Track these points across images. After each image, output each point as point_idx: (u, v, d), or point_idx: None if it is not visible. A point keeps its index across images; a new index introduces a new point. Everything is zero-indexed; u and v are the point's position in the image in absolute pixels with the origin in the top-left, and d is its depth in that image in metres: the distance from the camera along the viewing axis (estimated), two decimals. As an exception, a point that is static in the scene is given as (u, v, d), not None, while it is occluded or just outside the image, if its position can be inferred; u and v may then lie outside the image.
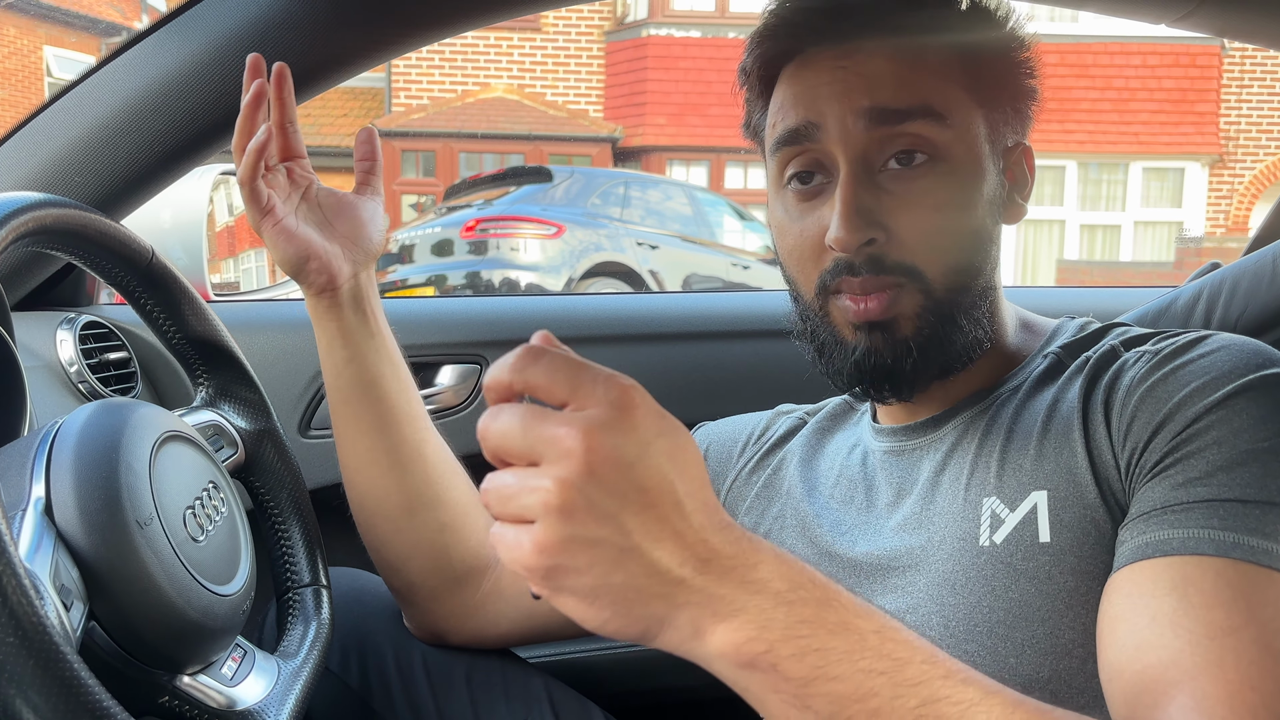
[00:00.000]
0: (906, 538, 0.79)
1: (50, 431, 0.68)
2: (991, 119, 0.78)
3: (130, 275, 0.83)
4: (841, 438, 0.92)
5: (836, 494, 0.87)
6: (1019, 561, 0.71)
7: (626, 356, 1.38)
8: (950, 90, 0.75)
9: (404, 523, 0.95)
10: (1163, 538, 0.64)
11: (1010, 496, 0.73)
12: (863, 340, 0.77)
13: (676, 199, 8.52)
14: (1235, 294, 0.96)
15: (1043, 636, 0.69)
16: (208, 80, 1.01)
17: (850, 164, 0.75)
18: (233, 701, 0.73)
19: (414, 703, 0.97)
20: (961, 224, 0.76)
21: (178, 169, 1.07)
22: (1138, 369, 0.71)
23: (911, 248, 0.75)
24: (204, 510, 0.74)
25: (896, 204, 0.75)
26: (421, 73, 11.97)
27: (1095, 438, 0.71)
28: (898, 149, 0.75)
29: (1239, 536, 0.62)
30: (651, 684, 1.37)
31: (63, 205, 0.72)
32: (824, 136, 0.76)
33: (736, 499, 0.95)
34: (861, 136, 0.74)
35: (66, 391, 1.08)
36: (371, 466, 0.94)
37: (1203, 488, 0.64)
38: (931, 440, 0.82)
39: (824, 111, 0.75)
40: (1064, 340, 0.81)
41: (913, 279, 0.75)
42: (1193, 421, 0.66)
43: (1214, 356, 0.69)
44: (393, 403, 0.93)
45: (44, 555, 0.61)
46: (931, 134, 0.74)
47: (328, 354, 0.92)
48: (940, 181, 0.75)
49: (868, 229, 0.74)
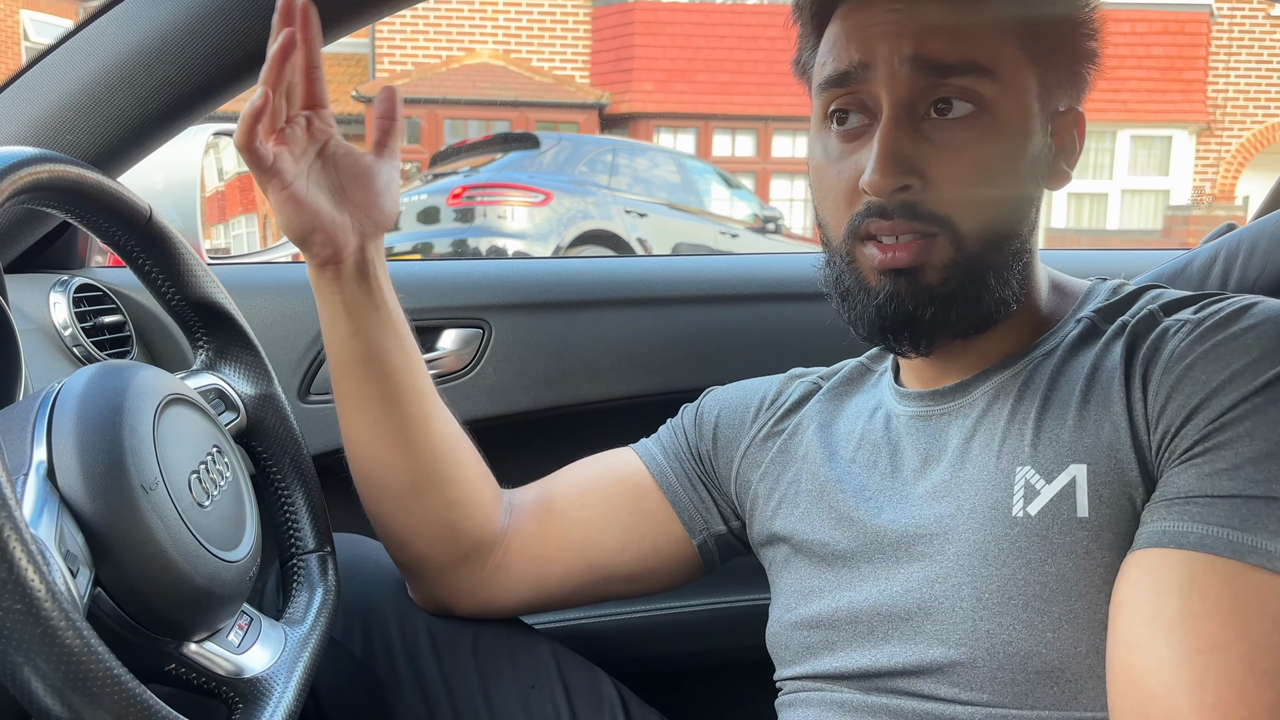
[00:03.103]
0: (935, 506, 0.77)
1: (50, 394, 0.66)
2: (1045, 79, 0.76)
3: (128, 234, 0.80)
4: (860, 400, 0.91)
5: (859, 459, 0.86)
6: (1055, 535, 0.70)
7: (633, 320, 1.36)
8: (1003, 46, 0.73)
9: (410, 500, 0.93)
10: (1181, 529, 0.64)
11: (1046, 467, 0.72)
12: (887, 285, 0.75)
13: (664, 166, 8.49)
14: (1254, 255, 0.95)
15: (1080, 610, 0.69)
16: (202, 36, 0.98)
17: (893, 108, 0.73)
18: (240, 669, 0.72)
19: (419, 671, 0.96)
20: (1001, 180, 0.75)
21: (171, 127, 1.04)
22: (1178, 342, 0.70)
23: (947, 198, 0.73)
24: (209, 475, 0.72)
25: (936, 153, 0.73)
26: (406, 38, 11.86)
27: (1135, 412, 0.70)
28: (940, 97, 0.73)
29: (1257, 539, 0.62)
30: (659, 650, 1.37)
31: (59, 161, 0.70)
32: (871, 78, 0.74)
33: (751, 465, 0.94)
34: (906, 82, 0.73)
35: (60, 355, 1.06)
36: (376, 443, 0.92)
37: (1229, 481, 0.64)
38: (961, 405, 0.80)
39: (874, 52, 0.74)
40: (1098, 303, 0.79)
41: (945, 230, 0.74)
42: (1228, 410, 0.65)
43: (1258, 332, 0.67)
44: (398, 379, 0.90)
45: (48, 520, 0.59)
46: (979, 88, 0.73)
47: (330, 327, 0.89)
48: (983, 135, 0.73)
49: (902, 174, 0.73)
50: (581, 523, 0.96)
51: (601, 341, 1.34)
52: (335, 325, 0.89)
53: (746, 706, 1.01)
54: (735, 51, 11.67)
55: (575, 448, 1.03)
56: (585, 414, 1.34)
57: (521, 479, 1.01)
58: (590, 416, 1.35)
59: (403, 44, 11.85)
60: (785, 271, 1.48)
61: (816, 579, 0.84)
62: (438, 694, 0.95)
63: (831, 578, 0.83)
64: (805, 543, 0.86)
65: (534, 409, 1.32)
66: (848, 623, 0.80)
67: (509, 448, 1.00)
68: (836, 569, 0.83)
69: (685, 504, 0.96)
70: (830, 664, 0.81)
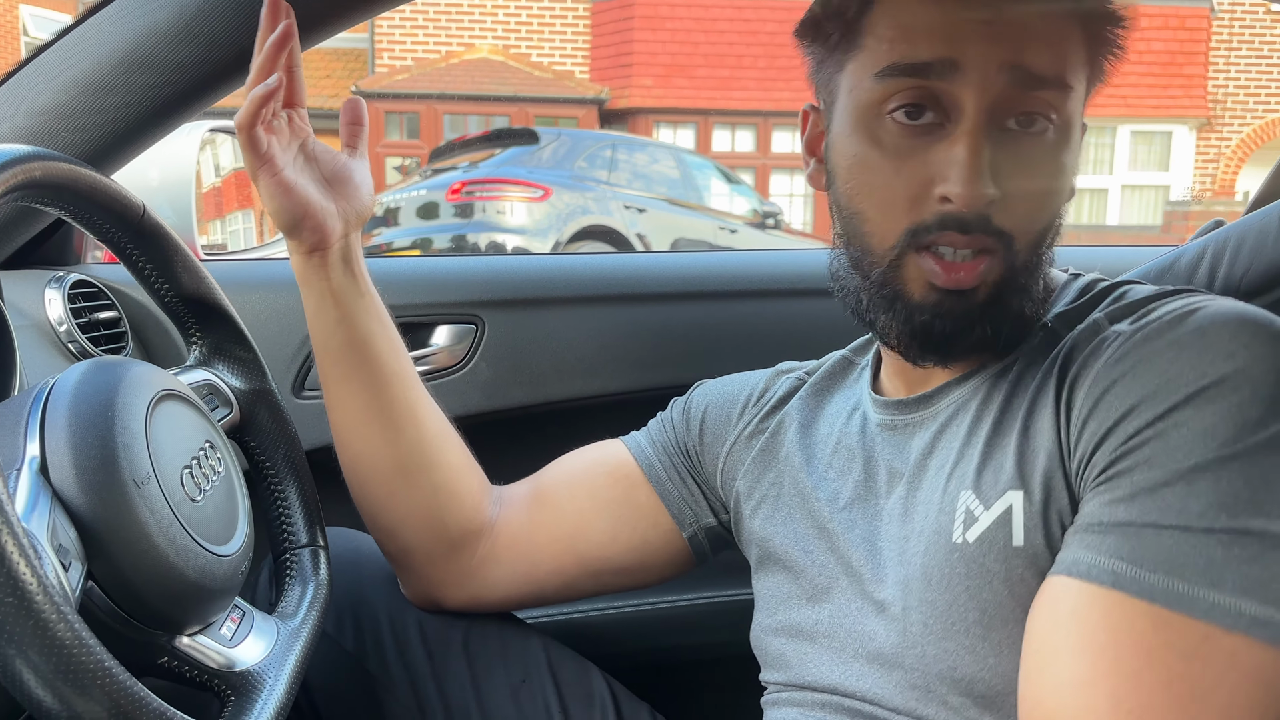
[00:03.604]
0: (895, 527, 0.78)
1: (43, 390, 0.67)
2: (1090, 88, 0.75)
3: (122, 231, 0.81)
4: (840, 399, 0.90)
5: (835, 464, 0.85)
6: (991, 563, 0.70)
7: (626, 316, 1.37)
8: (1078, 60, 0.71)
9: (397, 485, 0.94)
10: (1075, 558, 0.64)
11: (986, 494, 0.71)
12: (937, 300, 0.72)
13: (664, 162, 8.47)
14: (1240, 252, 0.95)
15: (1019, 637, 0.68)
16: (197, 33, 0.98)
17: (982, 114, 0.69)
18: (232, 662, 0.72)
19: (410, 666, 0.96)
20: (1057, 194, 0.73)
21: (166, 124, 1.05)
22: (1104, 360, 0.67)
23: (1013, 213, 0.70)
24: (201, 470, 0.73)
25: (1012, 165, 0.70)
26: (405, 33, 11.84)
27: (1061, 436, 0.69)
28: (1024, 110, 0.70)
29: (1138, 571, 0.60)
30: (651, 644, 1.37)
31: (52, 158, 0.70)
32: (958, 78, 0.69)
33: (735, 463, 0.94)
34: (1000, 90, 0.69)
35: (56, 351, 1.07)
36: (363, 427, 0.93)
37: (1124, 509, 0.62)
38: (924, 418, 0.79)
39: (968, 53, 0.69)
40: (1061, 306, 0.76)
41: (1004, 246, 0.71)
42: (1133, 435, 0.63)
43: (1179, 348, 0.64)
44: (384, 363, 0.93)
45: (40, 514, 0.60)
46: (1058, 103, 0.70)
47: (316, 315, 0.91)
48: (1052, 150, 0.71)
49: (991, 187, 0.69)
50: (570, 514, 0.97)
51: (595, 337, 1.34)
52: (322, 312, 0.91)
53: (736, 700, 1.01)
54: (735, 46, 11.65)
55: (568, 444, 1.04)
56: (578, 410, 1.35)
57: (514, 475, 1.02)
58: (583, 412, 1.35)
59: (402, 39, 11.84)
60: (779, 267, 1.48)
61: (792, 586, 0.85)
62: (428, 688, 0.95)
63: (807, 588, 0.83)
64: (782, 549, 0.86)
65: (527, 405, 1.33)
66: (822, 636, 0.81)
67: (502, 443, 1.00)
68: (811, 581, 0.83)
69: (674, 496, 0.97)
70: (805, 674, 0.81)
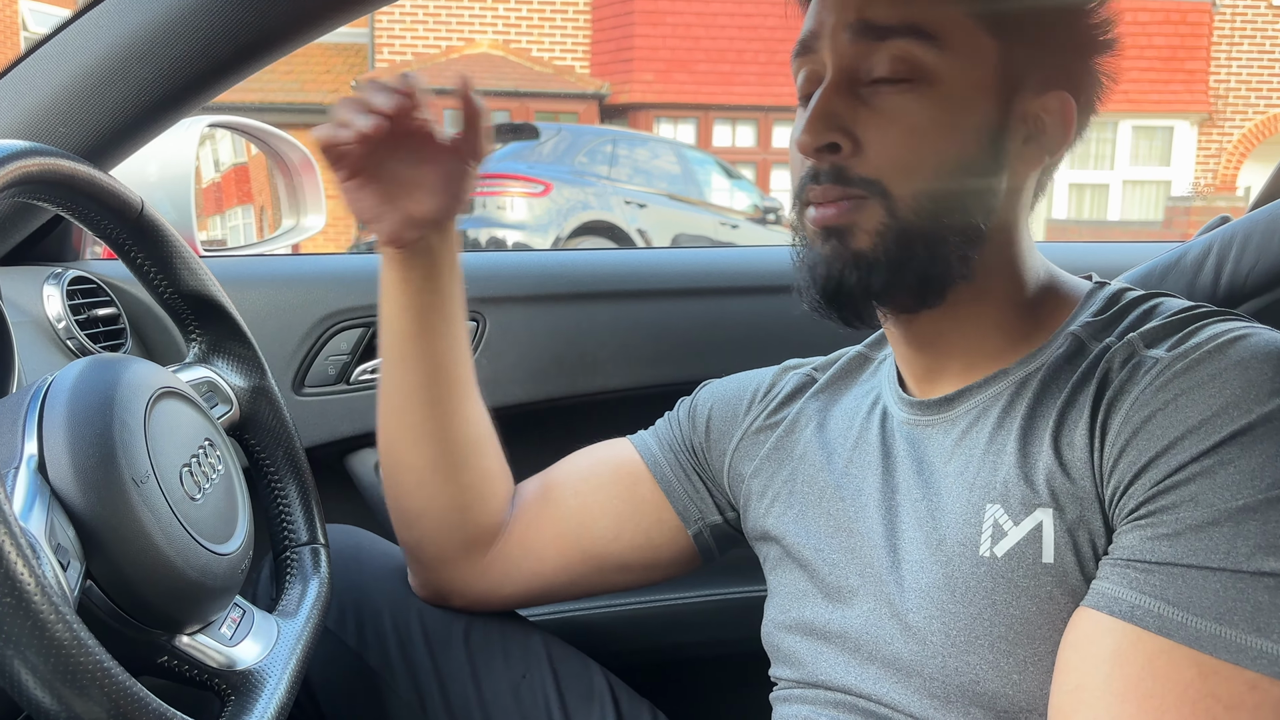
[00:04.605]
0: (916, 531, 0.76)
1: (41, 388, 0.66)
2: (1013, 57, 0.73)
3: (120, 228, 0.80)
4: (857, 393, 0.89)
5: (856, 459, 0.84)
6: (1020, 578, 0.69)
7: (628, 312, 1.36)
8: (952, 13, 0.72)
9: (428, 476, 0.95)
10: (1116, 594, 0.63)
11: (1014, 509, 0.70)
12: (821, 246, 0.75)
13: (664, 157, 8.47)
14: (1246, 249, 0.95)
15: (1045, 654, 0.68)
16: (195, 27, 0.98)
17: (833, 73, 0.73)
18: (232, 661, 0.72)
19: (411, 661, 0.96)
20: (940, 150, 0.72)
21: (165, 119, 1.04)
22: (1143, 387, 0.66)
23: (877, 163, 0.72)
24: (200, 468, 0.73)
25: (871, 117, 0.72)
26: (405, 28, 11.83)
27: (1095, 459, 0.68)
28: (885, 65, 0.72)
29: (1185, 616, 0.59)
30: (652, 641, 1.37)
31: (49, 154, 0.70)
32: (820, 46, 0.75)
33: (743, 458, 0.94)
34: (848, 49, 0.73)
35: (54, 348, 1.06)
36: (409, 414, 0.94)
37: (1169, 547, 0.61)
38: (944, 420, 0.78)
39: (823, 22, 0.74)
40: (1089, 316, 0.75)
41: (875, 194, 0.72)
42: (1177, 470, 0.62)
43: (1223, 381, 0.63)
44: (441, 359, 0.93)
45: (39, 513, 0.59)
46: (920, 54, 0.71)
47: (384, 295, 0.93)
48: (922, 103, 0.72)
49: (829, 133, 0.72)
50: (576, 509, 0.97)
51: (595, 334, 1.34)
52: (388, 296, 0.93)
53: (737, 699, 1.01)
54: (736, 41, 11.64)
55: (569, 440, 1.03)
56: (579, 406, 1.34)
57: (517, 471, 1.02)
58: (584, 409, 1.35)
59: (402, 34, 11.82)
60: (782, 263, 1.47)
61: (809, 584, 0.84)
62: (430, 683, 0.95)
63: (823, 587, 0.82)
64: (799, 546, 0.85)
65: (528, 401, 1.32)
66: (837, 636, 0.80)
67: (503, 440, 1.00)
68: (828, 579, 0.82)
69: (679, 494, 0.96)
70: (819, 673, 0.81)
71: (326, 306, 1.28)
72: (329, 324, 1.28)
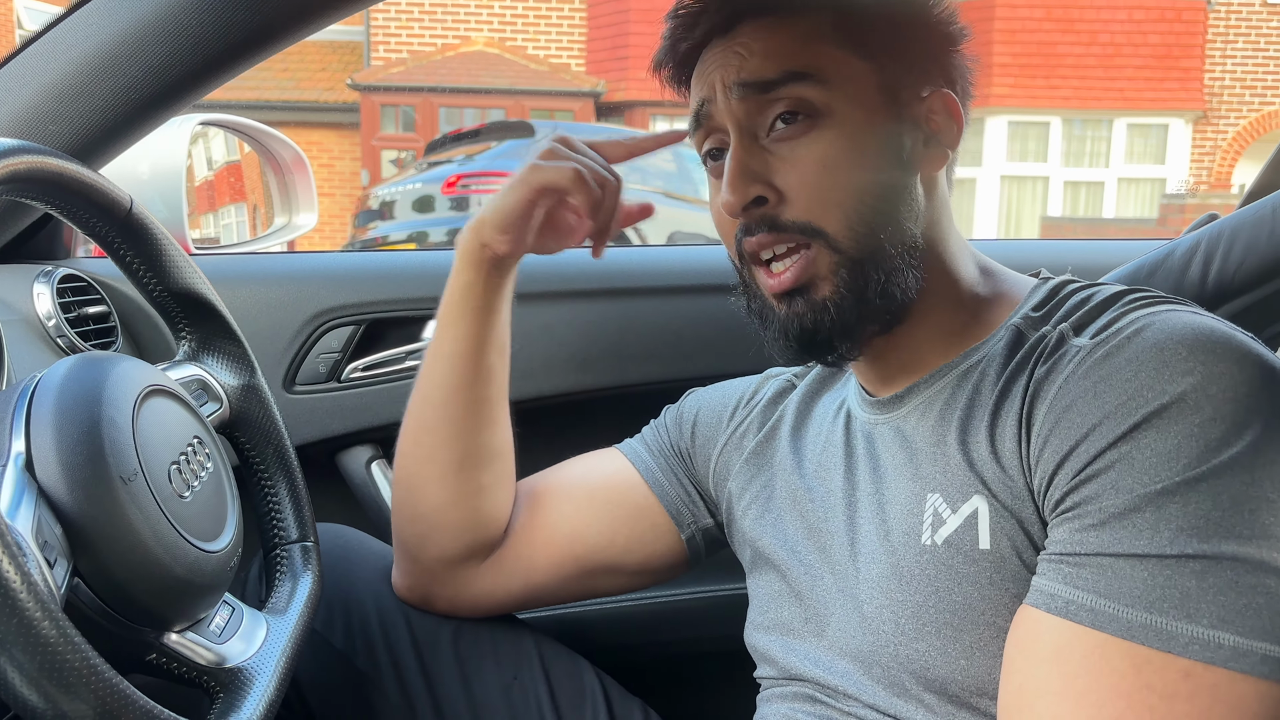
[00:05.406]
0: (868, 525, 0.78)
1: (29, 385, 0.66)
2: (888, 72, 0.76)
3: (108, 226, 0.80)
4: (829, 399, 0.91)
5: (823, 462, 0.86)
6: (959, 565, 0.70)
7: (617, 310, 1.36)
8: (824, 50, 0.75)
9: (453, 472, 0.95)
10: (1052, 591, 0.63)
11: (953, 497, 0.72)
12: (784, 309, 0.78)
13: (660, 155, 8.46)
14: (1234, 245, 0.95)
15: (990, 639, 0.69)
16: (185, 26, 0.97)
17: (736, 133, 0.77)
18: (221, 658, 0.72)
19: (399, 663, 0.96)
20: (855, 179, 0.75)
21: (155, 117, 1.04)
22: (1064, 377, 0.67)
23: (805, 205, 0.75)
24: (189, 466, 0.73)
25: (782, 164, 0.76)
26: (401, 25, 11.81)
27: (1023, 450, 0.68)
28: (777, 113, 0.76)
29: (1117, 608, 0.59)
30: (642, 640, 1.37)
31: (37, 152, 0.70)
32: (715, 111, 0.79)
33: (726, 465, 0.95)
34: (741, 108, 0.77)
35: (44, 346, 1.06)
36: (447, 408, 0.94)
37: (1095, 537, 0.61)
38: (894, 418, 0.80)
39: (713, 87, 0.78)
40: (1028, 309, 0.76)
41: (815, 237, 0.75)
42: (1094, 459, 0.62)
43: (1136, 366, 0.63)
44: (494, 361, 0.95)
45: (25, 511, 0.59)
46: (809, 95, 0.75)
47: (462, 298, 0.93)
48: (824, 138, 0.75)
49: (752, 187, 0.76)
50: (568, 515, 0.97)
51: (587, 332, 1.34)
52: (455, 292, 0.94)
53: (728, 695, 1.01)
54: (731, 39, 11.62)
55: (559, 438, 1.04)
56: (569, 404, 1.34)
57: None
58: (574, 407, 1.35)
59: (398, 32, 11.81)
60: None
61: (782, 585, 0.86)
62: (417, 685, 0.95)
63: (795, 587, 0.84)
64: (775, 549, 0.87)
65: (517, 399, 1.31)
66: (811, 634, 0.82)
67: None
68: (802, 581, 0.84)
69: (672, 498, 0.97)
70: (794, 668, 0.82)
71: (318, 304, 1.28)
72: (320, 322, 1.28)
